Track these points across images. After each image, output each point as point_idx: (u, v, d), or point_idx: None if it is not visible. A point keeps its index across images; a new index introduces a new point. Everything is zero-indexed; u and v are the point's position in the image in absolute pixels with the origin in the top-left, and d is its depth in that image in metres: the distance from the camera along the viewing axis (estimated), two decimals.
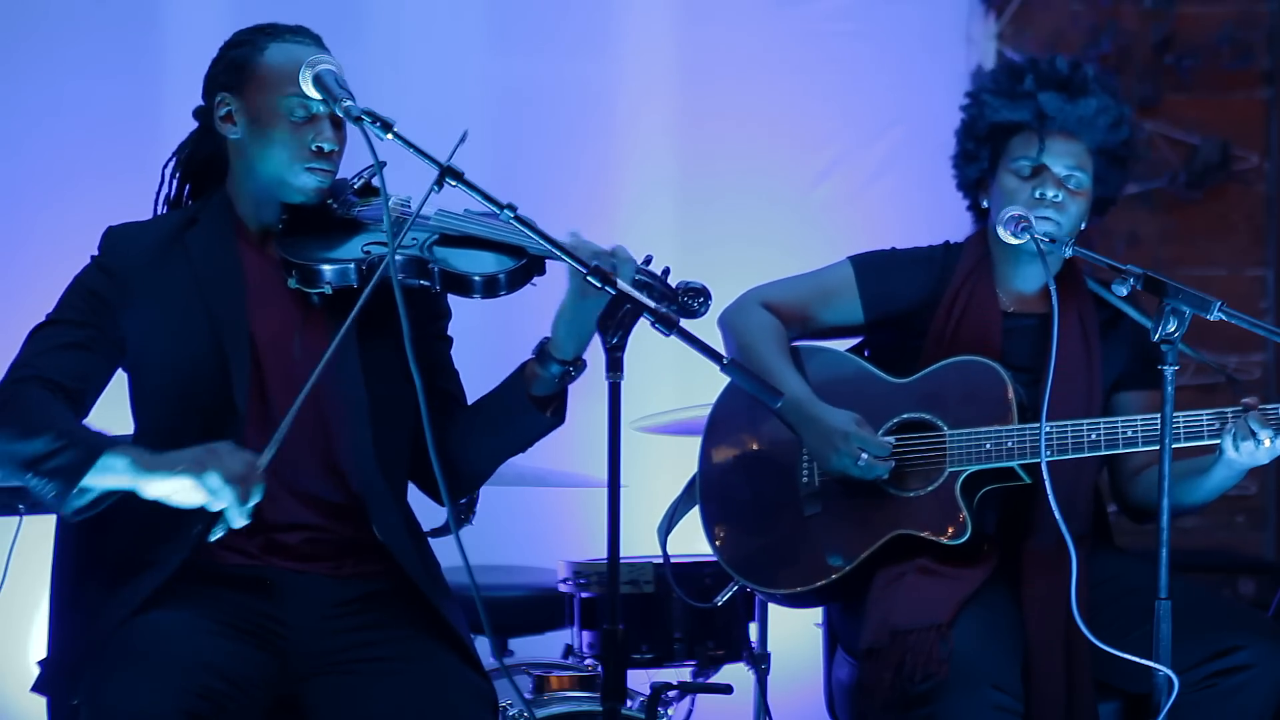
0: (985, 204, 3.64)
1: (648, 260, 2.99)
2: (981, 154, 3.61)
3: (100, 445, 2.83)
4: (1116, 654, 3.16)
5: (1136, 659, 3.12)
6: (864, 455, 3.44)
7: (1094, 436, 3.38)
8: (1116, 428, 3.38)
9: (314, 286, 3.01)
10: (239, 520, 2.78)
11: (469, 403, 3.19)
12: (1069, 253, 3.24)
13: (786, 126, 5.05)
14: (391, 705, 2.91)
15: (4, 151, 4.73)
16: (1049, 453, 3.34)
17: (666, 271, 2.96)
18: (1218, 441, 3.31)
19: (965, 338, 3.54)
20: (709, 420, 3.68)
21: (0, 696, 4.54)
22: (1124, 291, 3.13)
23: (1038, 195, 3.48)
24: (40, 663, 3.05)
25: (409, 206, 3.07)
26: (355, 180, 3.12)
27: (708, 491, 3.64)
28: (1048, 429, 3.36)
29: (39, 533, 3.40)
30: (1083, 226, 3.55)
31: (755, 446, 3.63)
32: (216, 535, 2.80)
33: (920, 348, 3.57)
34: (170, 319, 3.01)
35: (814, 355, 3.64)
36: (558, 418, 3.07)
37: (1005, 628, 3.38)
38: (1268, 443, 3.27)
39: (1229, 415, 3.31)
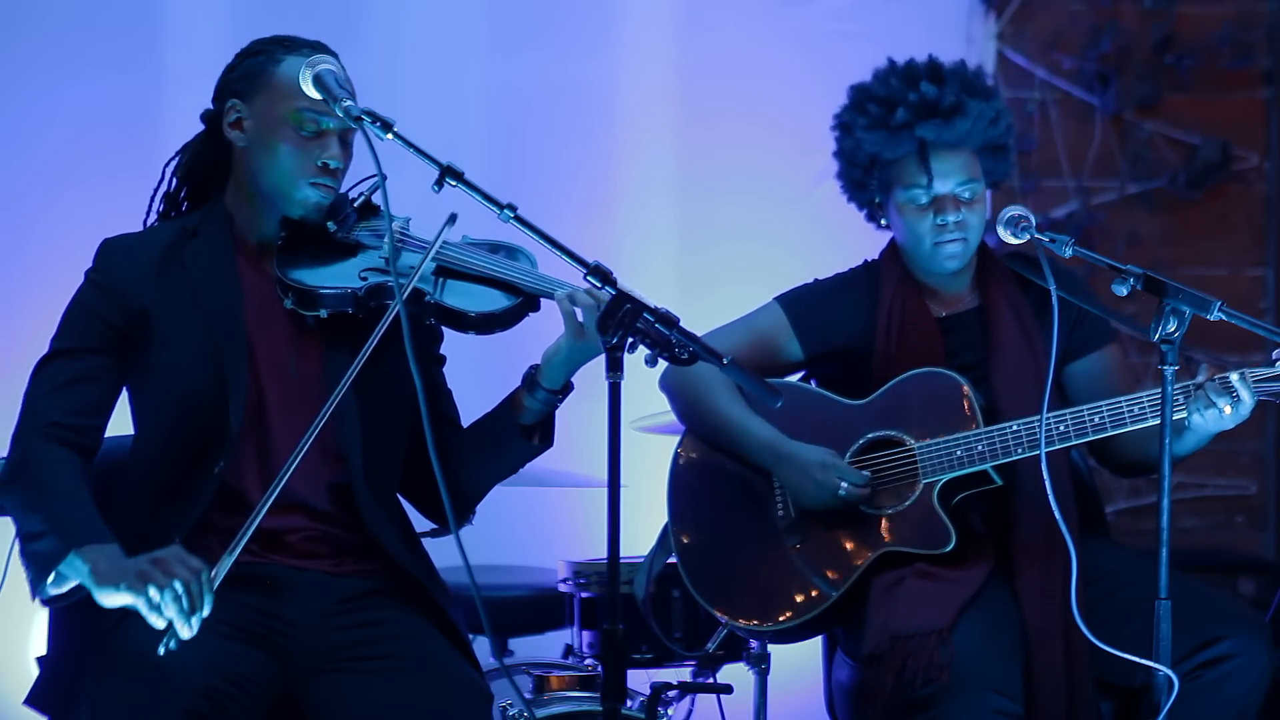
0: (885, 223, 3.64)
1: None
2: (869, 183, 3.61)
3: (72, 542, 2.81)
4: (1116, 654, 3.16)
5: (1136, 659, 3.12)
6: (843, 485, 3.45)
7: (1063, 428, 3.40)
8: (1083, 416, 3.39)
9: (310, 310, 3.01)
10: (186, 632, 2.73)
11: (463, 423, 3.21)
12: (1069, 253, 3.23)
13: (786, 126, 5.05)
14: (390, 704, 2.92)
15: (4, 152, 4.73)
16: (1020, 450, 3.39)
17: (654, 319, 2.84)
18: (1183, 415, 3.30)
19: (910, 351, 3.55)
20: (671, 471, 3.66)
21: (0, 697, 4.54)
22: (1124, 291, 3.14)
23: (940, 223, 3.50)
24: (40, 659, 3.05)
25: (408, 229, 3.08)
26: (355, 196, 3.11)
27: (682, 540, 3.61)
28: (1014, 427, 3.40)
29: None
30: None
31: (724, 488, 3.61)
32: (165, 648, 2.73)
33: (869, 371, 3.58)
34: (169, 335, 3.00)
35: None
36: (545, 442, 3.13)
37: (1005, 629, 3.38)
38: (1228, 410, 3.27)
39: (1191, 388, 3.31)
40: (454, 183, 2.81)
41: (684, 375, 3.57)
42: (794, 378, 3.71)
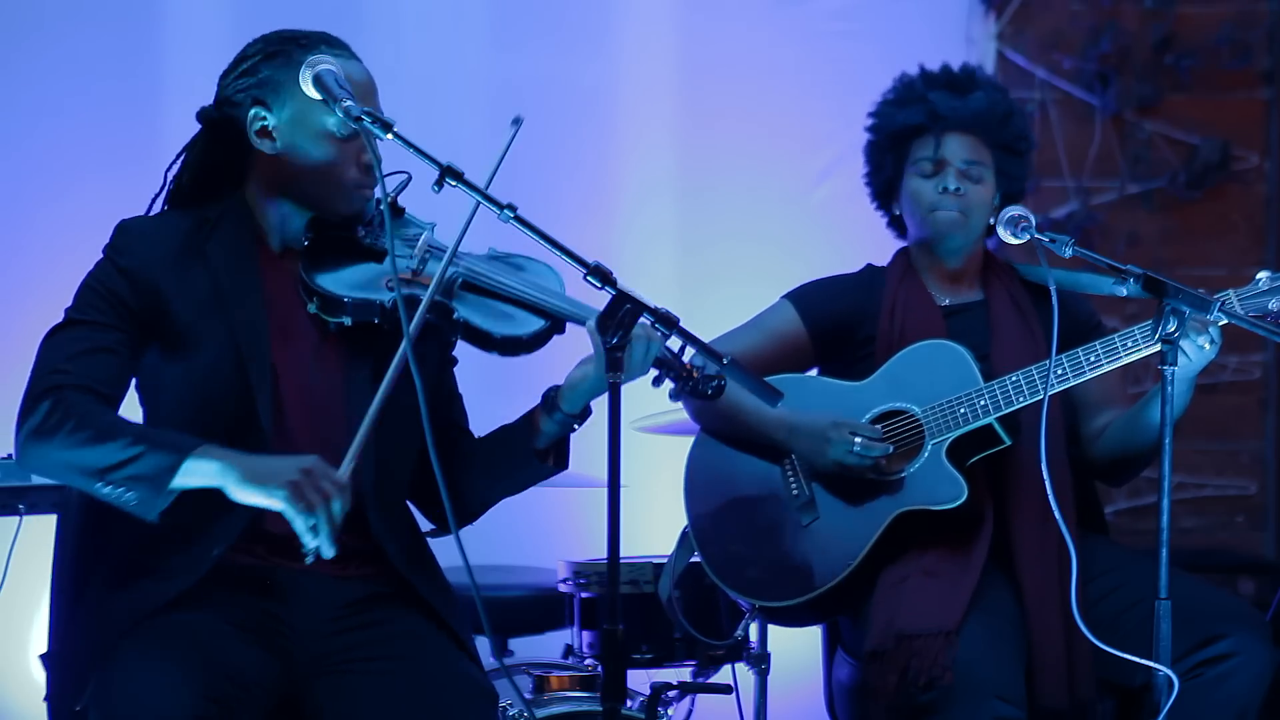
0: (898, 211, 3.74)
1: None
2: (886, 162, 3.73)
3: (184, 448, 2.80)
4: (1116, 654, 3.17)
5: (1136, 659, 3.12)
6: (857, 440, 3.48)
7: (1061, 371, 3.41)
8: (1079, 355, 3.41)
9: (334, 317, 2.97)
10: (329, 550, 2.77)
11: (471, 429, 3.19)
12: (1069, 253, 3.24)
13: (786, 126, 5.06)
14: (394, 706, 2.91)
15: (4, 150, 4.73)
16: (1021, 399, 3.43)
17: (683, 349, 2.89)
18: (1154, 349, 3.26)
19: (912, 336, 3.62)
20: (686, 472, 3.70)
21: (0, 697, 4.54)
22: (1124, 292, 3.15)
23: (940, 190, 3.63)
24: (42, 657, 3.04)
25: (433, 237, 3.02)
26: (380, 198, 3.07)
27: (703, 537, 3.65)
28: (1014, 377, 3.45)
29: (39, 533, 3.39)
30: (992, 220, 3.61)
31: (737, 480, 3.65)
32: (310, 559, 2.79)
33: (872, 357, 3.64)
34: (189, 329, 2.95)
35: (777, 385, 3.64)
36: (560, 465, 3.10)
37: (1008, 631, 3.39)
38: (1208, 346, 3.26)
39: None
40: (454, 183, 2.81)
41: None
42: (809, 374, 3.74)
